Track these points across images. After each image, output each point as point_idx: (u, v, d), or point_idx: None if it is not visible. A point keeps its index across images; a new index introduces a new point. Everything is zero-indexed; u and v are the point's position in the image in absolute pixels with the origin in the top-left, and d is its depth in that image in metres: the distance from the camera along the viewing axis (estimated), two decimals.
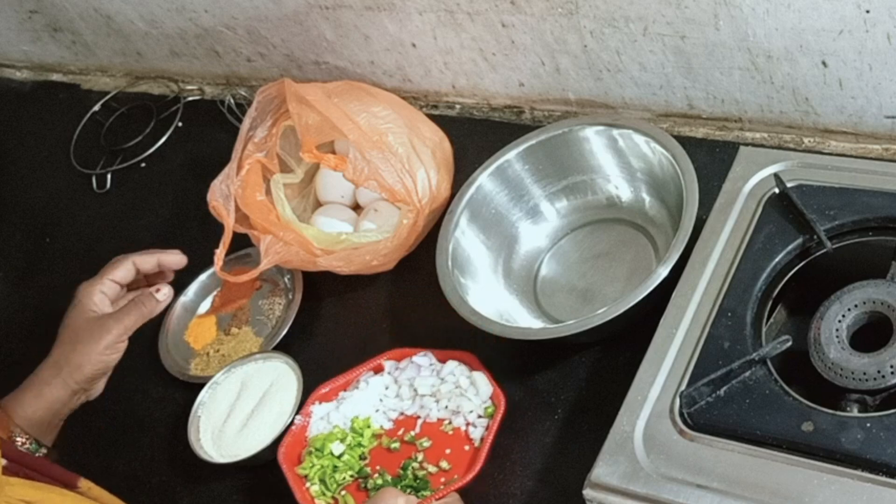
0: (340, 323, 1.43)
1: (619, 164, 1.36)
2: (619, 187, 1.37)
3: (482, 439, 1.21)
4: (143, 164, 1.78)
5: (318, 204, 1.53)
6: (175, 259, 1.31)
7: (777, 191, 1.17)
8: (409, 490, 1.19)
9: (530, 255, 1.39)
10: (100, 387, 1.27)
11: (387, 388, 1.30)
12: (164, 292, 1.27)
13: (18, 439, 1.19)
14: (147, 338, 1.50)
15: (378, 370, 1.32)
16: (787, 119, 1.35)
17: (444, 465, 1.21)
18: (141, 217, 1.71)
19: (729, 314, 1.10)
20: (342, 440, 1.26)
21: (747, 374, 1.05)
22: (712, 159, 1.36)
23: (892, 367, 1.00)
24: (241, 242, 1.45)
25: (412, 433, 1.26)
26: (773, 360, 1.06)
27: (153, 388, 1.47)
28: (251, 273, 1.41)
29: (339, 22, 1.57)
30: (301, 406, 1.30)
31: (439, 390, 1.26)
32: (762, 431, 1.00)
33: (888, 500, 0.94)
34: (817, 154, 1.31)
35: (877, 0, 1.16)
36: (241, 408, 1.33)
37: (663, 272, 1.18)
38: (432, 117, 1.52)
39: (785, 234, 1.14)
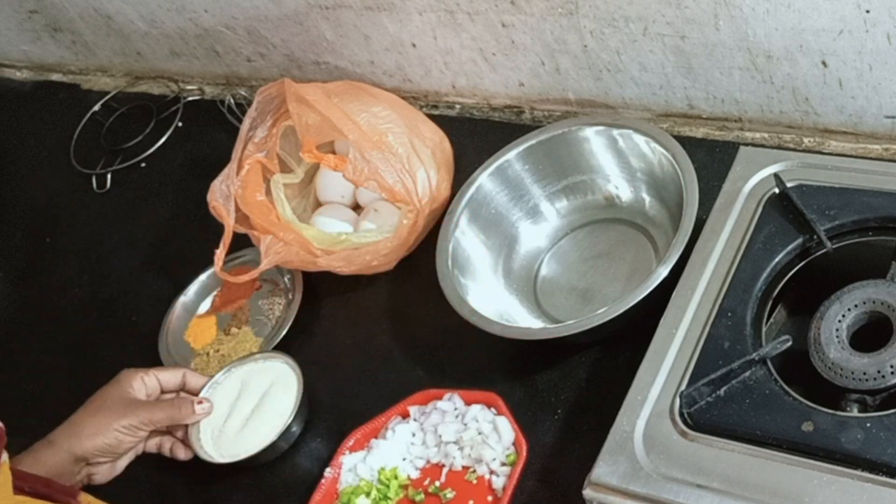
0: (340, 323, 1.43)
1: (619, 164, 1.36)
2: (619, 187, 1.37)
3: (504, 489, 1.19)
4: (143, 164, 1.78)
5: (318, 204, 1.53)
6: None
7: (777, 191, 1.17)
8: None
9: (530, 255, 1.39)
10: (104, 471, 1.24)
11: (413, 436, 1.28)
12: (205, 406, 1.28)
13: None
14: (147, 338, 1.51)
15: (405, 415, 1.30)
16: (787, 119, 1.35)
17: None
18: (141, 217, 1.71)
19: (729, 314, 1.10)
20: (367, 494, 1.24)
21: (747, 374, 1.05)
22: (712, 159, 1.36)
23: (892, 367, 1.00)
24: (241, 242, 1.45)
25: (437, 483, 1.23)
26: (773, 360, 1.05)
27: None
28: (251, 273, 1.41)
29: (339, 22, 1.57)
30: (332, 457, 1.28)
31: (462, 437, 1.24)
32: (762, 431, 1.00)
33: (888, 500, 0.94)
34: (817, 154, 1.31)
35: (877, 0, 1.16)
36: (241, 408, 1.32)
37: (663, 272, 1.18)
38: (432, 117, 1.52)
39: (785, 234, 1.14)
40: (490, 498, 1.20)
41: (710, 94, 1.38)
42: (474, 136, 1.54)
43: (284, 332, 1.42)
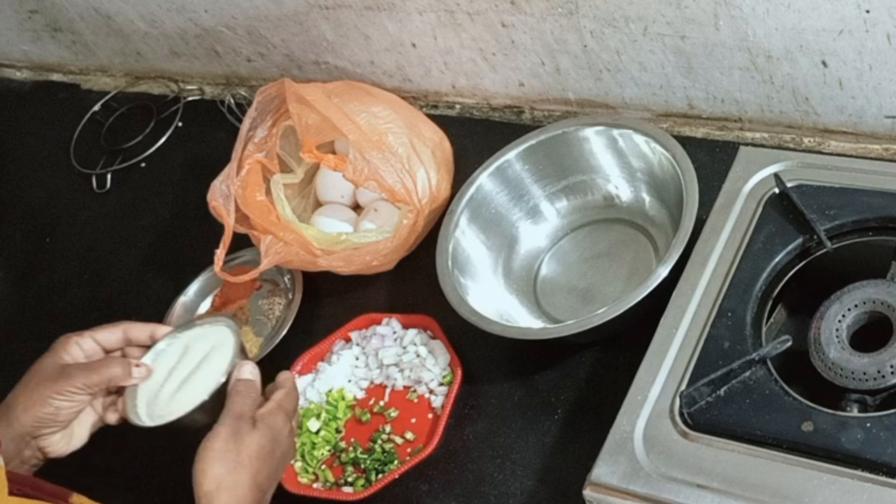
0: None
1: (619, 164, 1.36)
2: (619, 187, 1.37)
3: (443, 407, 1.27)
4: (143, 164, 1.78)
5: (318, 204, 1.53)
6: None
7: (777, 191, 1.17)
8: (377, 464, 1.26)
9: (530, 255, 1.39)
10: (55, 443, 1.13)
11: (357, 359, 1.36)
12: (142, 371, 1.16)
13: None
14: None
15: (347, 340, 1.38)
16: (787, 119, 1.36)
17: (408, 436, 1.28)
18: (141, 217, 1.71)
19: (729, 314, 1.10)
20: (318, 416, 1.32)
21: (747, 374, 1.05)
22: (712, 159, 1.36)
23: (892, 367, 1.00)
24: (241, 242, 1.45)
25: (381, 403, 1.32)
26: (773, 360, 1.06)
27: None
28: (251, 273, 1.40)
29: (339, 22, 1.57)
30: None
31: (402, 360, 1.33)
32: (762, 431, 1.00)
33: (888, 500, 0.94)
34: (817, 154, 1.31)
35: (877, 0, 1.16)
36: (178, 372, 1.20)
37: (663, 272, 1.18)
38: (432, 117, 1.52)
39: (785, 234, 1.14)
40: (430, 416, 1.29)
41: (710, 94, 1.38)
42: (474, 136, 1.54)
43: (284, 332, 1.42)
